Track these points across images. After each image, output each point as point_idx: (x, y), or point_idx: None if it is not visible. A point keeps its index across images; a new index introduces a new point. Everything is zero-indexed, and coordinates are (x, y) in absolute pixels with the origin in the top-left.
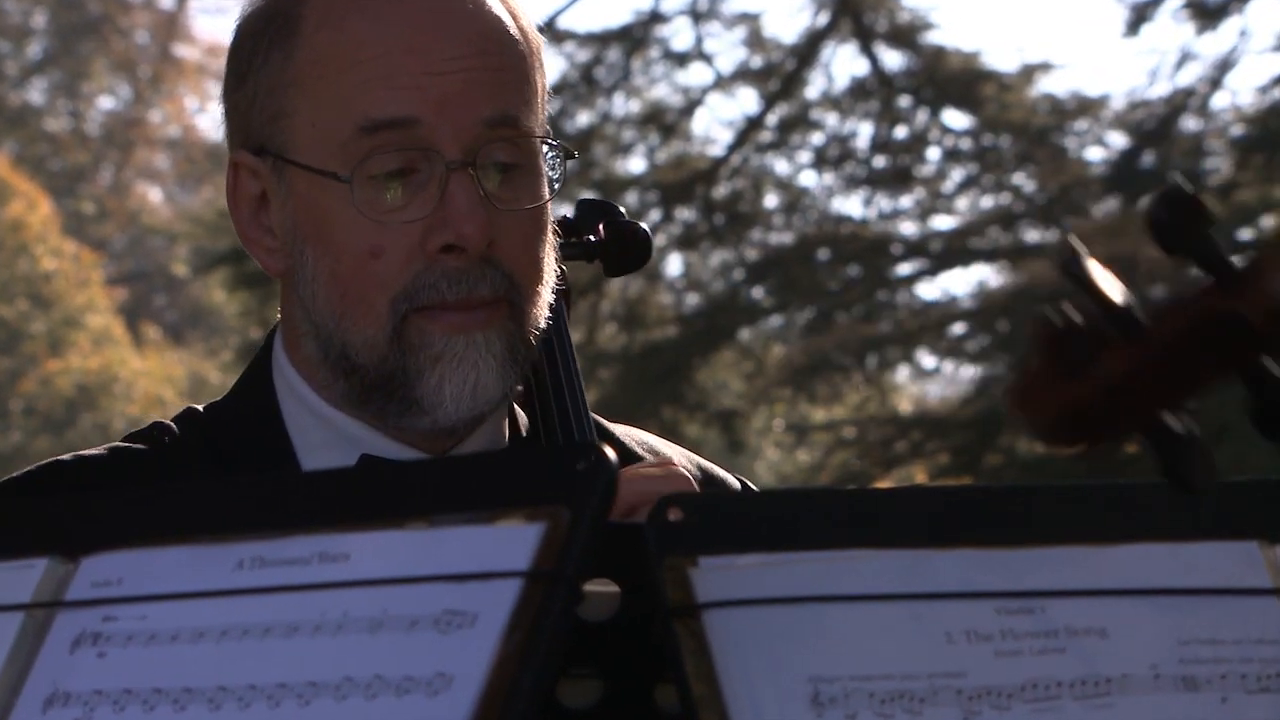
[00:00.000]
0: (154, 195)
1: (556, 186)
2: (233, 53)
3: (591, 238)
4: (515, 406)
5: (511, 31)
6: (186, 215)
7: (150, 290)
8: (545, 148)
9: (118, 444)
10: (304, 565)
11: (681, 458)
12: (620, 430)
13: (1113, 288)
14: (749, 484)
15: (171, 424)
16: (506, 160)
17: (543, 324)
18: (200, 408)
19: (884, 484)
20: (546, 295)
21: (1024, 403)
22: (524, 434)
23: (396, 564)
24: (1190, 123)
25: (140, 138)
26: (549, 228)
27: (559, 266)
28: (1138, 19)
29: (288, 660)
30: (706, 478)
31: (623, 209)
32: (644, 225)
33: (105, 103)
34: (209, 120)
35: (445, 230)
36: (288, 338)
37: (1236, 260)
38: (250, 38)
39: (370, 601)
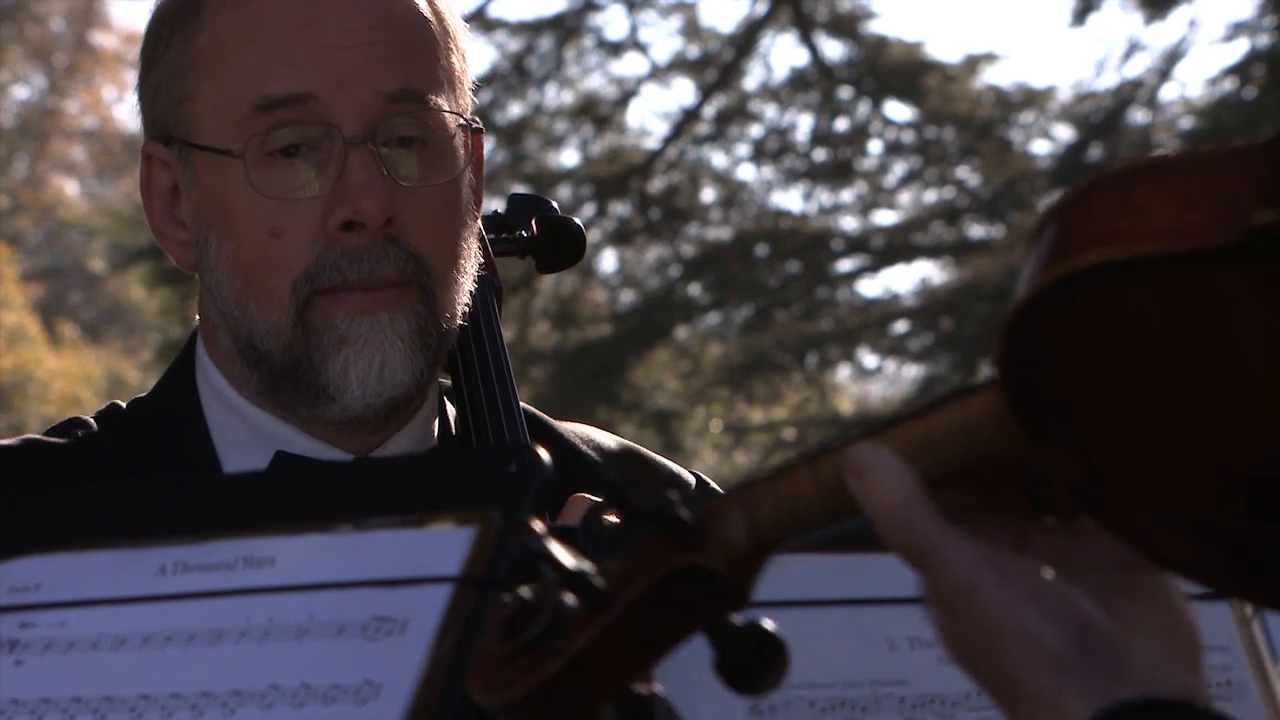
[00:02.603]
0: (70, 188)
1: (470, 159)
2: (143, 41)
3: (523, 234)
4: (446, 403)
5: (421, 10)
6: (104, 209)
7: (66, 286)
8: (456, 125)
9: (33, 436)
10: (228, 570)
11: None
12: (566, 428)
13: (569, 558)
14: (705, 480)
15: (91, 420)
16: (413, 135)
17: (460, 307)
18: (124, 404)
19: None
20: (463, 278)
21: (486, 687)
22: (454, 431)
23: (323, 569)
24: (1138, 115)
25: (56, 129)
26: (464, 208)
27: (482, 260)
28: (1085, 8)
29: (212, 668)
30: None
31: (555, 204)
32: (577, 220)
33: (20, 92)
34: (127, 111)
35: (343, 207)
36: (205, 333)
37: (686, 512)
38: (158, 24)
39: (296, 607)
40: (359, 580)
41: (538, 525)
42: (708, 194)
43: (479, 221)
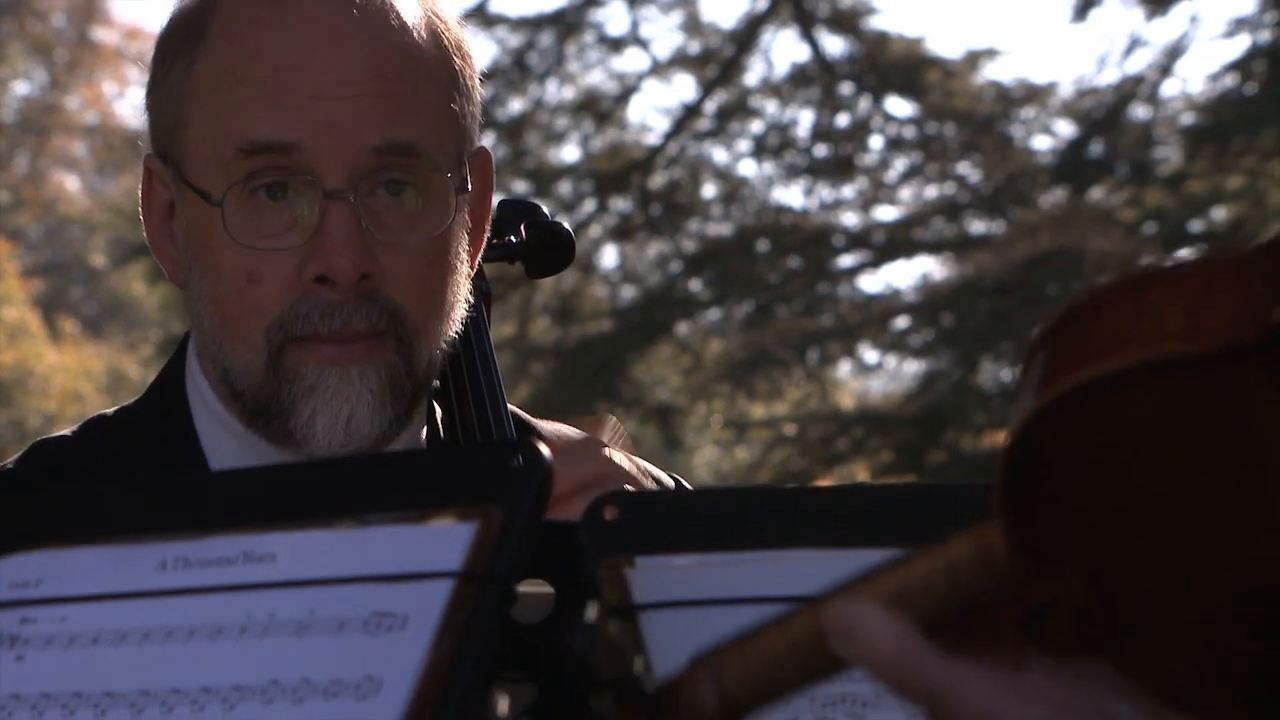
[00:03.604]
0: (71, 184)
1: (467, 206)
2: (153, 54)
3: (512, 239)
4: (434, 405)
5: (420, 52)
6: (105, 205)
7: (67, 282)
8: (448, 177)
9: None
10: (229, 566)
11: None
12: (547, 427)
13: None
14: (683, 483)
15: (69, 434)
16: (400, 179)
17: (439, 354)
18: (110, 412)
19: (825, 482)
20: (445, 326)
21: None
22: (441, 435)
23: (324, 564)
24: (1139, 111)
25: (57, 124)
26: (453, 256)
27: (475, 267)
28: (1086, 4)
29: (212, 663)
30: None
31: (545, 208)
32: (566, 225)
33: (21, 88)
34: (128, 106)
35: (318, 260)
36: (198, 343)
37: (651, 684)
38: (167, 40)
39: (297, 603)
40: (360, 576)
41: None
42: (709, 190)
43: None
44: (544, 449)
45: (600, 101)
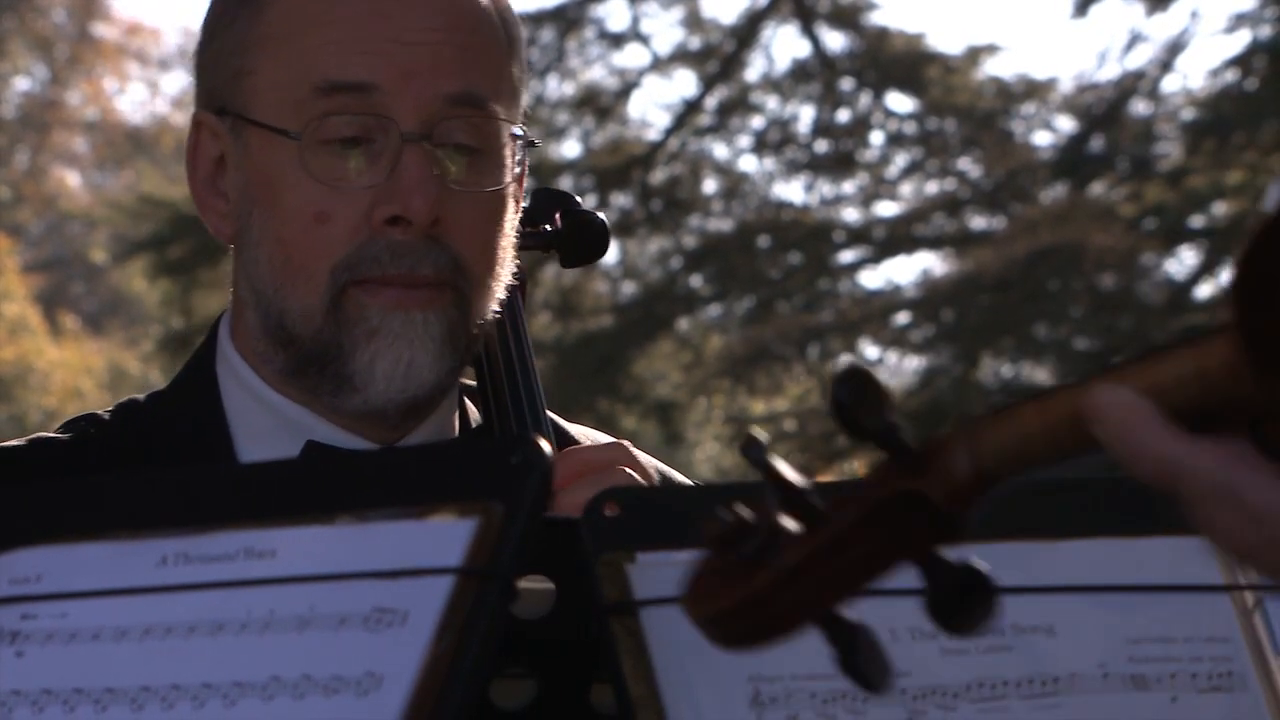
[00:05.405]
0: (72, 179)
1: (517, 171)
2: (206, 14)
3: (547, 227)
4: (466, 400)
5: (488, 15)
6: (106, 200)
7: (68, 278)
8: (509, 135)
9: (42, 434)
10: (229, 562)
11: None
12: (578, 431)
13: (791, 474)
14: (684, 479)
15: (104, 414)
16: (466, 142)
17: (490, 315)
18: (142, 397)
19: (826, 478)
20: (498, 287)
21: (696, 601)
22: (474, 428)
23: (325, 560)
24: (1140, 106)
25: (57, 120)
26: (508, 217)
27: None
28: None
29: (213, 659)
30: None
31: (579, 199)
32: (601, 215)
33: (21, 83)
34: (128, 102)
35: (392, 201)
36: (234, 314)
37: (915, 441)
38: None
39: (298, 599)
40: (360, 571)
41: (760, 434)
42: (709, 185)
43: None
44: (544, 444)
45: (601, 97)
